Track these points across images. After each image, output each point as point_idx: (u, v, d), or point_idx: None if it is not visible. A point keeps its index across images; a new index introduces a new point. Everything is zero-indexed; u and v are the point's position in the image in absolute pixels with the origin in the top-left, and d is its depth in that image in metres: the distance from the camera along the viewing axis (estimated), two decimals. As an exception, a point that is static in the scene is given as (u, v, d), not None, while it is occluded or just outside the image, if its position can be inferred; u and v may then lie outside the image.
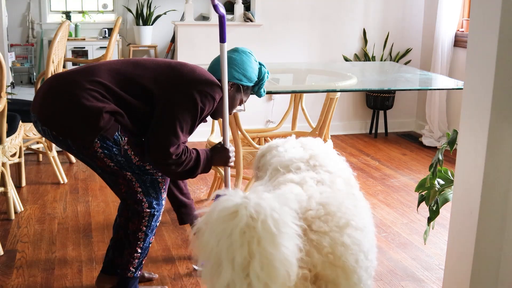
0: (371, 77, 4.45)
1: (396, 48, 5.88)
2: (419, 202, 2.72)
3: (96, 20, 8.36)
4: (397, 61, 5.77)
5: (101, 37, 8.19)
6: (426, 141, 5.48)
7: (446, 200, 2.57)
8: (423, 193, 2.67)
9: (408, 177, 4.56)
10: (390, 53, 5.84)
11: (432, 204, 2.60)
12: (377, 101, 5.73)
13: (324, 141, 3.82)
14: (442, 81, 4.33)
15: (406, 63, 5.79)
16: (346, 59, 5.77)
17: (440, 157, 2.53)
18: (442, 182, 2.61)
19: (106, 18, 8.44)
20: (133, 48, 8.09)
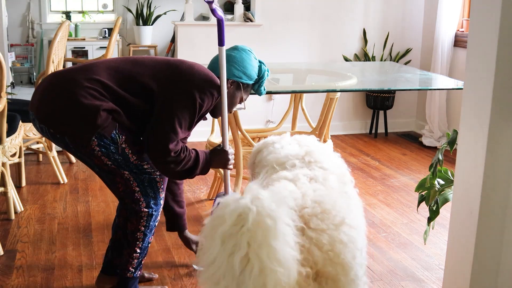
0: (371, 77, 4.45)
1: (396, 48, 5.88)
2: (419, 202, 2.72)
3: (96, 20, 8.36)
4: (397, 61, 5.77)
5: (101, 37, 8.19)
6: (426, 141, 5.48)
7: (446, 200, 2.57)
8: (423, 193, 2.67)
9: (408, 177, 4.56)
10: (390, 53, 5.84)
11: (432, 204, 2.60)
12: (377, 101, 5.73)
13: (324, 141, 3.82)
14: (442, 81, 4.32)
15: (406, 63, 5.79)
16: (346, 59, 5.77)
17: (440, 157, 2.53)
18: (442, 182, 2.61)
19: (106, 18, 8.44)
20: (133, 48, 8.09)
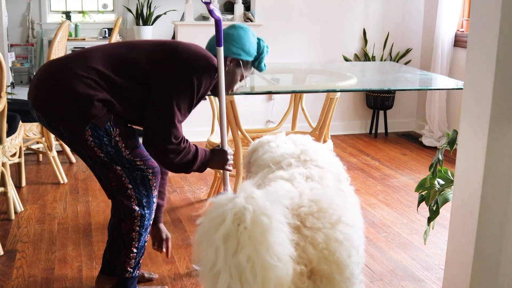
0: (371, 77, 4.45)
1: (396, 48, 5.88)
2: (419, 202, 2.72)
3: (96, 20, 8.36)
4: (397, 61, 5.77)
5: (101, 37, 8.19)
6: (426, 141, 5.48)
7: (446, 200, 2.57)
8: (423, 193, 2.67)
9: (408, 177, 4.56)
10: (390, 53, 5.84)
11: (432, 204, 2.60)
12: (377, 101, 5.73)
13: (324, 141, 3.82)
14: (442, 81, 4.32)
15: (406, 63, 5.79)
16: (346, 59, 5.77)
17: (440, 157, 2.53)
18: (442, 182, 2.61)
19: (106, 18, 8.44)
20: (133, 48, 8.08)
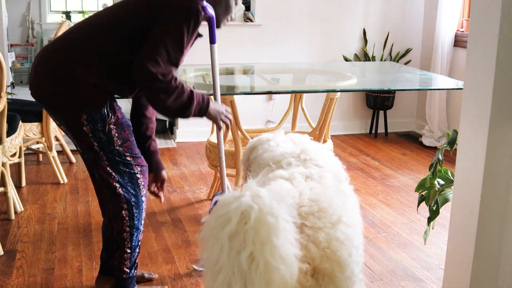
0: (371, 77, 4.45)
1: (396, 48, 5.88)
2: (419, 202, 2.72)
3: (96, 20, 8.36)
4: (397, 61, 5.77)
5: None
6: (426, 141, 5.48)
7: (446, 200, 2.57)
8: (423, 193, 2.68)
9: (408, 177, 4.56)
10: (390, 53, 5.84)
11: (432, 204, 2.60)
12: (377, 101, 5.73)
13: (324, 141, 3.82)
14: (442, 81, 4.32)
15: (406, 63, 5.79)
16: (346, 59, 5.77)
17: (440, 157, 2.53)
18: (442, 182, 2.61)
19: (106, 18, 8.43)
20: (133, 48, 8.08)
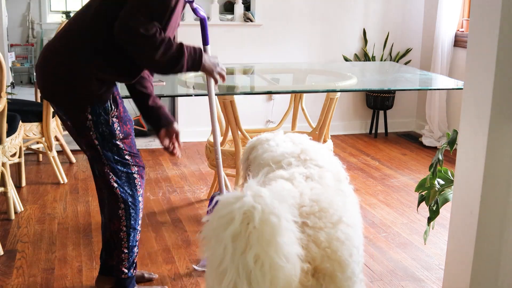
0: (371, 77, 4.45)
1: (396, 48, 5.88)
2: (419, 202, 2.72)
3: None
4: (397, 61, 5.77)
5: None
6: (426, 141, 5.48)
7: (446, 200, 2.57)
8: (423, 193, 2.67)
9: (408, 177, 4.56)
10: (390, 53, 5.84)
11: (432, 204, 2.60)
12: (377, 101, 5.73)
13: (324, 141, 3.82)
14: (442, 81, 4.32)
15: (406, 63, 5.79)
16: (346, 59, 5.77)
17: (440, 157, 2.53)
18: (442, 182, 2.61)
19: (106, 18, 8.43)
20: (133, 48, 8.07)
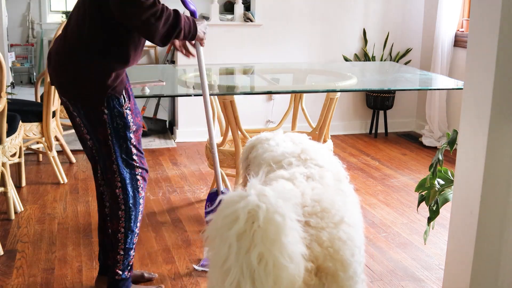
0: (371, 77, 4.45)
1: (396, 48, 5.88)
2: (419, 202, 2.72)
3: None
4: (397, 61, 5.77)
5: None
6: (426, 141, 5.48)
7: (446, 200, 2.57)
8: (423, 193, 2.67)
9: (408, 177, 4.56)
10: (390, 53, 5.84)
11: (432, 204, 2.60)
12: (377, 101, 5.73)
13: (324, 141, 3.82)
14: (442, 81, 4.32)
15: (406, 63, 5.79)
16: (346, 59, 5.77)
17: (440, 157, 2.53)
18: (442, 182, 2.61)
19: (106, 18, 8.43)
20: (133, 48, 8.07)
